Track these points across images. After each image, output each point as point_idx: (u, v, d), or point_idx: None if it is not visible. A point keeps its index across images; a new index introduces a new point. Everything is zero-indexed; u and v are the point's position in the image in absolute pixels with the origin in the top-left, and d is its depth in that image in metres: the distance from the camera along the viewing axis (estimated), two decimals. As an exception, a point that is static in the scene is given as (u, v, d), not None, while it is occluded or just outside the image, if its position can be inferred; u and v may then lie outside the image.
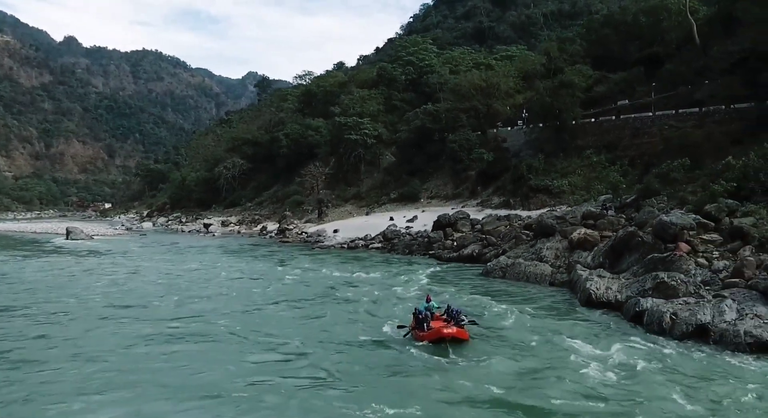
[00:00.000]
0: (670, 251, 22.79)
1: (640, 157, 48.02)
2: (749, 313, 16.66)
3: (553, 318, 20.05)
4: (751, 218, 23.56)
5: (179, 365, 15.21)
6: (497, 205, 52.82)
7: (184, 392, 13.05)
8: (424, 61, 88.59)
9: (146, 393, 12.99)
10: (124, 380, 13.86)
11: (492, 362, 14.91)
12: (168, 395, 12.88)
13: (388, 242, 45.27)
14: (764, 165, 27.03)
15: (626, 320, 19.13)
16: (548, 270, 27.01)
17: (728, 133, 41.19)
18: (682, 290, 19.31)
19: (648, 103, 54.30)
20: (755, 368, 14.13)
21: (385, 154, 77.55)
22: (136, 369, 14.68)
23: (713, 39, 54.20)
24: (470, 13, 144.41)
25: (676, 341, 16.44)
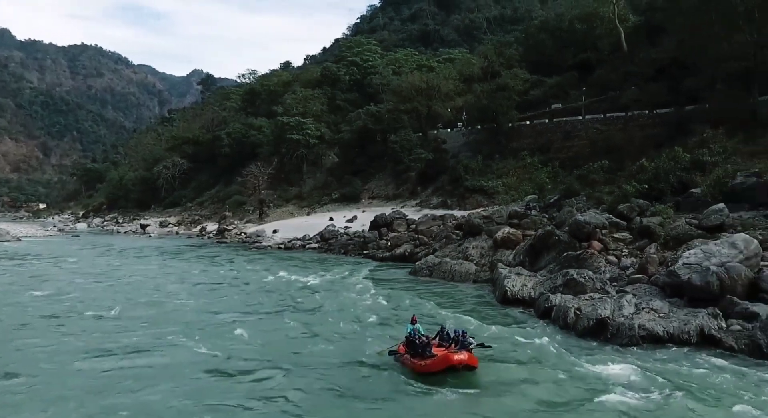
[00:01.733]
0: (583, 249, 23.84)
1: (570, 158, 49.75)
2: (646, 307, 17.60)
3: (469, 315, 20.60)
4: (659, 218, 24.89)
5: (113, 384, 13.93)
6: (435, 205, 53.65)
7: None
8: (368, 62, 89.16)
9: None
10: (48, 400, 12.70)
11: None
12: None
13: (325, 242, 45.32)
14: (674, 167, 28.61)
15: (537, 316, 19.89)
16: (472, 269, 27.71)
17: (650, 137, 43.30)
18: (590, 287, 20.21)
19: (579, 107, 56.38)
20: (639, 359, 14.99)
21: (327, 155, 77.53)
22: (62, 389, 13.38)
23: (639, 47, 56.86)
24: (416, 16, 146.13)
25: (577, 334, 17.24)
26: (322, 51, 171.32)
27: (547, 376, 14.00)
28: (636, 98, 48.97)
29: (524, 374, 14.08)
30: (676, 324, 16.32)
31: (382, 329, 18.81)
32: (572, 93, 60.53)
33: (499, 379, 13.89)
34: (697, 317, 16.44)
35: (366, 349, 16.47)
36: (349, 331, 18.69)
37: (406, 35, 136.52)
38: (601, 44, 63.60)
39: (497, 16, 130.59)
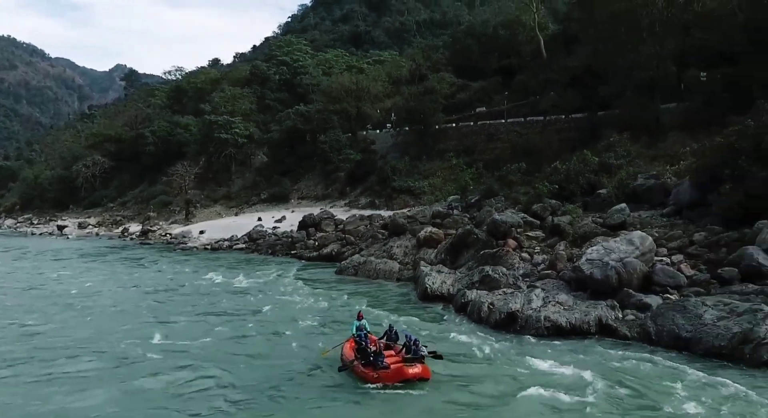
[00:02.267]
0: (499, 247, 25.07)
1: (493, 160, 51.55)
2: (552, 301, 18.86)
3: (393, 312, 21.33)
4: (569, 217, 26.54)
5: (39, 391, 13.48)
6: (364, 205, 54.27)
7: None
8: (298, 61, 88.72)
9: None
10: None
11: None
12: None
13: (253, 243, 44.99)
14: (583, 169, 30.50)
15: (454, 310, 20.84)
16: (396, 267, 28.50)
17: (566, 141, 45.60)
18: (504, 282, 21.38)
19: (502, 110, 58.56)
20: (543, 349, 16.13)
21: (256, 154, 76.59)
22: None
23: (558, 54, 59.73)
24: (347, 17, 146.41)
25: (490, 327, 18.28)
26: (252, 49, 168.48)
27: (461, 368, 14.82)
28: (554, 104, 51.43)
29: (438, 367, 14.77)
30: (578, 316, 17.64)
31: (317, 330, 19.13)
32: (496, 97, 62.70)
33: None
34: (596, 309, 17.83)
35: (306, 350, 16.58)
36: (285, 332, 18.79)
37: (337, 36, 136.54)
38: (523, 51, 66.14)
39: (427, 20, 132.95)
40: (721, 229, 21.69)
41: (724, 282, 18.47)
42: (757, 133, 22.61)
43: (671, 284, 19.02)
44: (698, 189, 24.04)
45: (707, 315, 15.42)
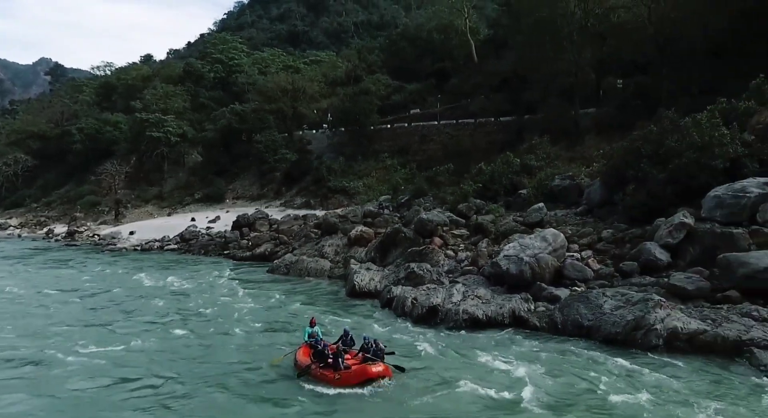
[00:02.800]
0: (426, 245, 26.13)
1: (426, 161, 52.97)
2: (471, 295, 19.99)
3: (323, 309, 21.95)
4: (491, 216, 27.95)
5: None
6: (299, 205, 54.48)
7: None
8: (234, 60, 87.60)
9: None
10: None
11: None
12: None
13: (185, 243, 44.44)
14: (506, 170, 32.08)
15: (381, 306, 21.68)
16: (327, 265, 29.11)
17: (494, 143, 47.52)
18: (428, 278, 22.38)
19: (435, 112, 60.16)
20: (460, 339, 17.19)
21: (190, 154, 75.18)
22: None
23: (488, 59, 61.96)
24: (285, 16, 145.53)
25: (413, 321, 19.22)
26: (186, 46, 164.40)
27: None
28: (483, 107, 53.41)
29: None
30: (494, 308, 18.81)
31: (253, 330, 19.20)
32: (430, 99, 64.38)
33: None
34: (511, 302, 19.06)
35: (246, 353, 16.59)
36: (220, 333, 18.78)
37: (274, 35, 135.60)
38: (457, 54, 68.07)
39: (364, 21, 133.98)
40: (626, 226, 23.50)
41: (626, 275, 20.14)
42: (658, 138, 24.62)
43: (579, 277, 20.55)
44: (607, 189, 25.89)
45: (606, 305, 16.88)
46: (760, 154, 22.16)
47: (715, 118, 23.75)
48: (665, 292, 18.07)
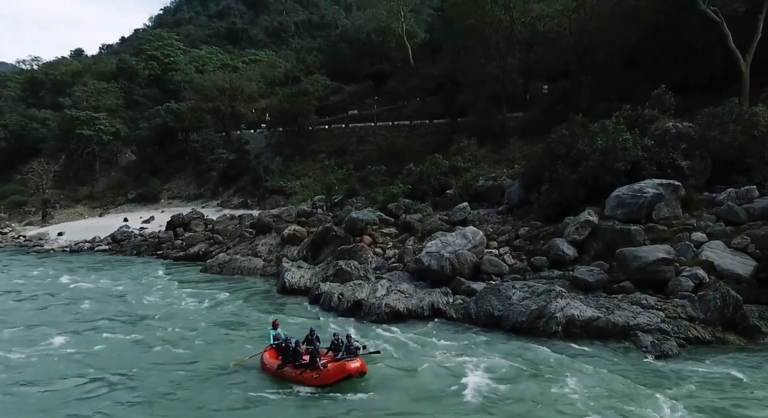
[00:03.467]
0: (356, 243, 27.08)
1: (363, 161, 53.95)
2: (395, 290, 21.10)
3: (253, 306, 22.58)
4: (419, 215, 29.17)
5: None
6: (236, 205, 54.39)
7: None
8: (170, 57, 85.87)
9: None
10: None
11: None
12: None
13: (117, 244, 43.67)
14: (435, 171, 33.46)
15: (309, 302, 22.49)
16: (260, 264, 29.62)
17: (427, 144, 48.99)
18: (355, 275, 23.34)
19: (372, 114, 61.26)
20: (378, 330, 18.25)
21: (123, 153, 73.34)
22: None
23: (424, 62, 63.55)
24: (223, 13, 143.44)
25: (339, 315, 20.16)
26: (120, 41, 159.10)
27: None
28: (418, 109, 54.90)
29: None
30: (415, 302, 19.98)
31: (187, 328, 19.59)
32: (367, 101, 65.41)
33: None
34: (431, 295, 20.29)
35: (183, 352, 16.77)
36: (173, 336, 18.74)
37: (213, 32, 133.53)
38: (394, 57, 69.34)
39: (305, 21, 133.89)
40: (541, 224, 25.22)
41: (537, 269, 21.77)
42: (571, 141, 26.50)
43: (496, 271, 22.03)
44: (525, 190, 27.59)
45: (515, 296, 18.31)
46: (657, 157, 24.31)
47: (620, 124, 25.83)
48: (570, 284, 19.75)
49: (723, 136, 23.98)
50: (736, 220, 20.93)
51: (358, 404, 12.76)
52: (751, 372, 13.68)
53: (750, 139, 23.49)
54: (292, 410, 12.86)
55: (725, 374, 13.69)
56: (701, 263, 18.83)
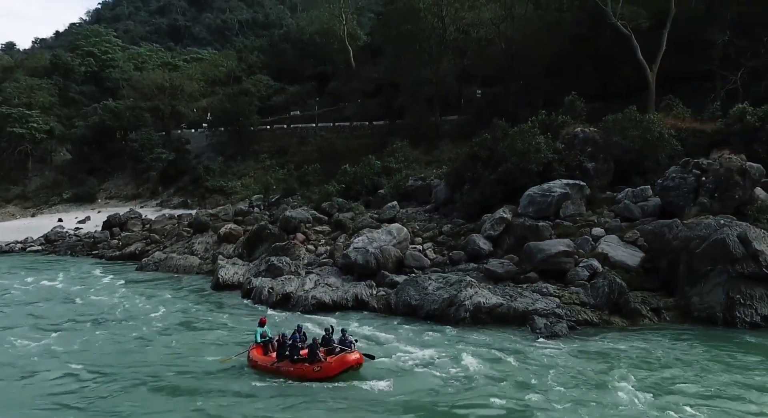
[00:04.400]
0: (289, 240, 28.17)
1: (303, 162, 54.84)
2: (322, 283, 22.38)
3: (185, 301, 23.36)
4: (351, 213, 30.53)
5: None
6: (176, 205, 54.31)
7: None
8: (107, 54, 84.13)
9: None
10: None
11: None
12: None
13: (51, 244, 43.09)
14: (368, 171, 34.94)
15: (242, 296, 23.50)
16: (196, 262, 30.32)
17: (366, 145, 50.30)
18: (286, 270, 24.46)
19: (314, 115, 62.23)
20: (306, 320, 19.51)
21: (58, 151, 71.57)
22: None
23: (365, 65, 64.97)
24: (165, 9, 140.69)
25: (269, 307, 21.30)
26: (54, 35, 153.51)
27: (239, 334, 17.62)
28: (358, 111, 56.32)
29: (212, 336, 17.31)
30: (340, 294, 21.33)
31: (126, 324, 19.99)
32: (310, 102, 66.20)
33: (203, 341, 17.45)
34: (355, 288, 21.68)
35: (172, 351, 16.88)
36: (130, 335, 18.72)
37: (154, 28, 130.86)
38: (337, 59, 70.41)
39: (249, 20, 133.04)
40: (463, 221, 27.00)
41: (455, 262, 23.48)
42: (492, 144, 28.44)
43: (418, 265, 23.61)
44: (450, 189, 29.38)
45: (430, 287, 19.91)
46: (566, 159, 26.53)
47: (535, 129, 27.92)
48: (483, 275, 21.52)
49: (624, 141, 26.46)
50: (631, 216, 23.28)
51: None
52: (621, 347, 15.70)
53: (646, 143, 26.02)
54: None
55: (601, 349, 15.63)
56: (597, 254, 20.96)
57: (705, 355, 15.15)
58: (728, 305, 17.25)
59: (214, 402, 12.93)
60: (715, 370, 14.10)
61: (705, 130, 27.28)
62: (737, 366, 14.32)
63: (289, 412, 12.38)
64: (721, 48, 33.85)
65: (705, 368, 14.22)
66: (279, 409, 12.58)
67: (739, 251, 17.28)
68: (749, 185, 20.91)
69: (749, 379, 13.44)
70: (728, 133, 25.63)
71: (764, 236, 17.68)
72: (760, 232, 17.83)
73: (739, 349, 15.48)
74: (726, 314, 17.21)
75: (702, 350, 15.53)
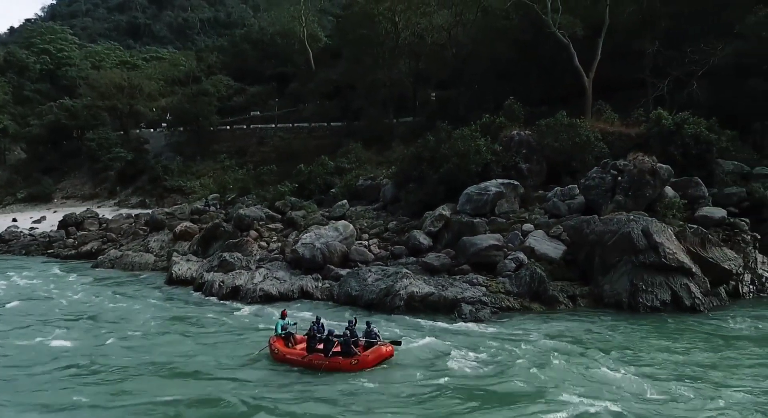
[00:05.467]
0: (242, 237, 29.32)
1: (262, 162, 55.75)
2: (270, 277, 23.68)
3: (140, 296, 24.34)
4: (303, 211, 31.82)
5: None
6: (134, 204, 54.53)
7: None
8: (63, 51, 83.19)
9: None
10: None
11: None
12: None
13: (4, 244, 42.96)
14: (321, 172, 36.31)
15: (194, 290, 24.62)
16: (152, 259, 31.18)
17: (323, 146, 51.57)
18: (238, 265, 25.61)
19: (274, 115, 63.15)
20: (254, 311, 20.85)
21: (12, 150, 70.71)
22: None
23: (324, 66, 66.17)
24: (124, 6, 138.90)
25: (219, 299, 22.54)
26: (9, 31, 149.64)
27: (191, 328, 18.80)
28: (317, 112, 57.55)
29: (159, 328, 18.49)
30: (286, 286, 22.73)
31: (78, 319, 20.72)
32: (270, 102, 67.00)
33: (162, 330, 18.61)
34: (302, 280, 23.13)
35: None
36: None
37: (113, 25, 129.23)
38: (297, 60, 71.41)
39: (211, 19, 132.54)
40: (408, 218, 28.60)
41: (396, 257, 25.07)
42: (435, 146, 30.15)
43: (362, 259, 25.10)
44: (396, 188, 30.96)
45: (370, 279, 21.45)
46: (503, 160, 28.42)
47: (476, 131, 29.76)
48: (421, 268, 23.15)
49: (555, 143, 28.51)
50: (558, 213, 25.28)
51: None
52: (535, 327, 17.59)
53: (575, 146, 28.12)
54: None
55: (516, 330, 17.48)
56: (524, 248, 22.84)
57: (604, 332, 17.15)
58: (632, 292, 19.29)
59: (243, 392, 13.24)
60: (598, 341, 16.12)
61: (630, 133, 29.56)
62: (627, 338, 16.35)
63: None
64: (651, 58, 36.49)
65: (601, 340, 16.19)
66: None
67: (642, 243, 19.33)
68: (659, 184, 23.10)
69: (643, 354, 15.35)
70: (648, 136, 27.93)
71: (664, 229, 19.78)
72: (661, 226, 19.93)
73: (637, 329, 17.49)
74: (630, 299, 19.24)
75: (602, 328, 17.56)
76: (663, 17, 37.15)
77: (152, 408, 12.49)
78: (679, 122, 26.97)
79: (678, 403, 12.14)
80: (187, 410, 12.36)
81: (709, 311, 18.89)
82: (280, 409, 12.28)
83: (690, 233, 20.25)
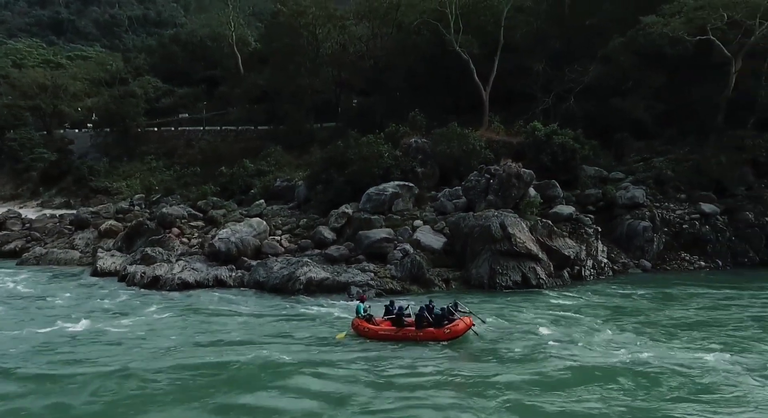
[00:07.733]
0: (165, 234, 31.80)
1: (190, 163, 57.57)
2: (189, 268, 26.46)
3: (66, 287, 26.45)
4: (224, 210, 34.61)
5: None
6: (59, 205, 54.97)
7: None
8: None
9: None
10: None
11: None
12: None
13: None
14: (242, 173, 39.13)
15: (118, 280, 27.04)
16: (77, 255, 33.11)
17: (249, 149, 54.01)
18: (159, 259, 28.14)
19: (202, 118, 64.89)
20: (173, 298, 23.63)
21: (-75, 150, 68.73)
22: None
23: (252, 71, 68.38)
24: (47, 1, 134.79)
25: (140, 287, 25.14)
26: None
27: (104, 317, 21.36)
28: (244, 116, 59.90)
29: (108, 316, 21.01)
30: (202, 275, 25.65)
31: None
32: (199, 105, 68.54)
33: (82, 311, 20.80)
34: (216, 271, 26.07)
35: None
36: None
37: (34, 20, 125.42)
38: (226, 63, 72.96)
39: (140, 16, 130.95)
40: (318, 216, 31.94)
41: (303, 249, 28.39)
42: (344, 150, 33.65)
43: (273, 252, 28.26)
44: (308, 189, 34.29)
45: (275, 267, 24.70)
46: (402, 165, 32.27)
47: (380, 138, 33.48)
48: (323, 258, 26.56)
49: (447, 150, 32.63)
50: (445, 211, 29.36)
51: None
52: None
53: (463, 153, 32.33)
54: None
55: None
56: (412, 241, 26.71)
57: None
58: (491, 275, 23.46)
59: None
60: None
61: (512, 142, 34.13)
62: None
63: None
64: (539, 75, 41.40)
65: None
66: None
67: (499, 234, 23.53)
68: (523, 186, 27.55)
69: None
70: (525, 145, 32.51)
71: (518, 223, 24.12)
72: (516, 219, 24.28)
73: (493, 303, 21.56)
74: (490, 280, 23.40)
75: (463, 302, 21.41)
76: (548, 39, 42.23)
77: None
78: (549, 133, 31.67)
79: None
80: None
81: (552, 289, 23.29)
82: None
83: (540, 226, 24.68)
